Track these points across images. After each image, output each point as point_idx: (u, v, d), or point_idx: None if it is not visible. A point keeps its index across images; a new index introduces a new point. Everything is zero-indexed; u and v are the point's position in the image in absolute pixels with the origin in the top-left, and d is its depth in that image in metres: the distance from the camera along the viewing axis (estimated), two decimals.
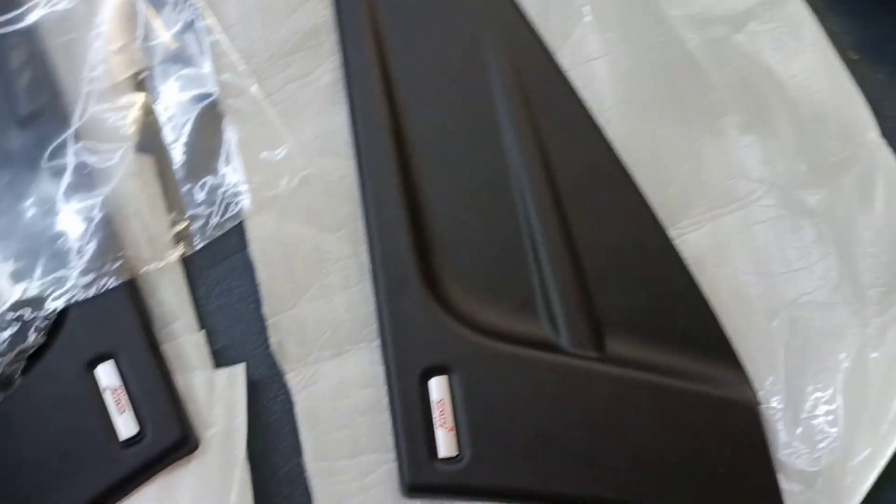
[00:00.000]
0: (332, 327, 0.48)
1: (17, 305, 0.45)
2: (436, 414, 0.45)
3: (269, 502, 0.46)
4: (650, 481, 0.44)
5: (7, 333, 0.44)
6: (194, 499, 0.44)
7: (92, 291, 0.45)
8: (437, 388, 0.45)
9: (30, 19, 0.51)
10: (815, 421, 0.46)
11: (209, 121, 0.50)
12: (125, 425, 0.44)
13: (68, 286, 0.45)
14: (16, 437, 0.43)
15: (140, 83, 0.51)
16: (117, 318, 0.45)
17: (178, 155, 0.50)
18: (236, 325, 0.49)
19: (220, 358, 0.48)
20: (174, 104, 0.50)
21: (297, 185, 0.50)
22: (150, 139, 0.50)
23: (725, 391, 0.46)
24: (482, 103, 0.50)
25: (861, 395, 0.46)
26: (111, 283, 0.45)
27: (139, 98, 0.50)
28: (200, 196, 0.49)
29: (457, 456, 0.44)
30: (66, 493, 0.43)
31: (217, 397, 0.46)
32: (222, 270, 0.50)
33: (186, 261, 0.49)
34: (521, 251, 0.47)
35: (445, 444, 0.44)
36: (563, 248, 0.47)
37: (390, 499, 0.45)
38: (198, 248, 0.48)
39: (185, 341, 0.47)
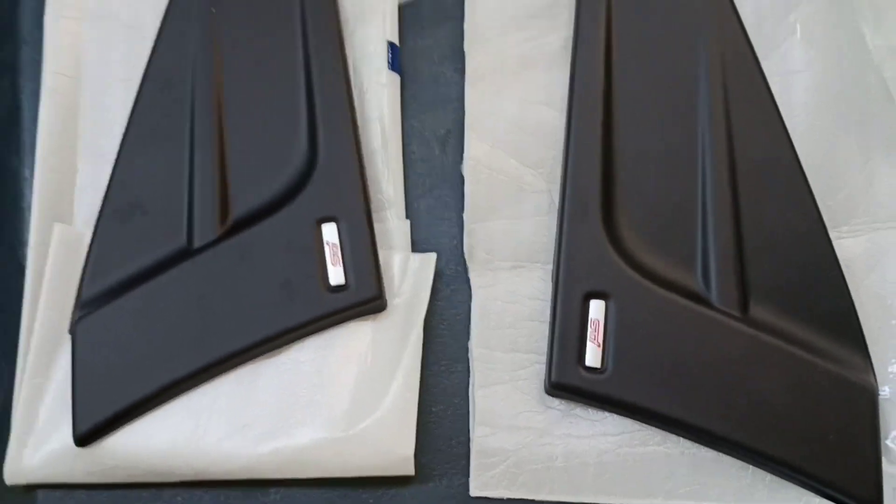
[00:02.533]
0: (516, 244, 0.56)
1: None
2: (590, 330, 0.52)
3: (434, 369, 0.54)
4: (765, 432, 0.49)
5: None
6: (374, 349, 0.53)
7: None
8: (595, 309, 0.52)
9: None
10: None
11: None
12: (335, 275, 0.53)
13: None
14: (252, 265, 0.53)
15: None
16: (347, 193, 0.55)
17: None
18: (438, 224, 0.58)
19: (417, 246, 0.57)
20: None
21: (512, 123, 0.58)
22: None
23: (849, 372, 0.51)
24: (686, 86, 0.57)
25: None
26: None
27: None
28: None
29: (600, 368, 0.51)
30: (280, 316, 0.52)
31: (408, 274, 0.55)
32: (437, 180, 0.59)
33: (407, 165, 0.59)
34: (692, 213, 0.54)
35: (592, 356, 0.51)
36: (730, 219, 0.53)
37: (535, 393, 0.53)
38: None
39: (394, 225, 0.57)
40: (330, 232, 0.54)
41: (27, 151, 0.58)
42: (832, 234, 0.54)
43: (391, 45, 0.60)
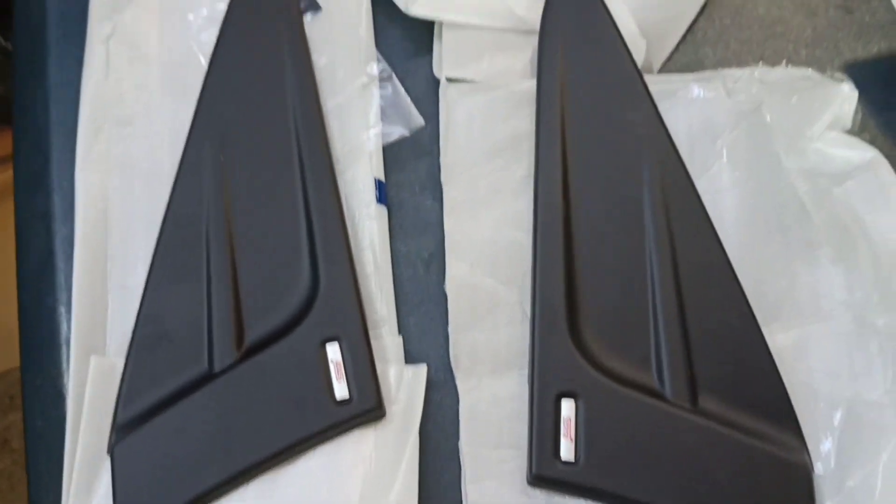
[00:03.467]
0: (495, 352, 0.65)
1: None
2: (563, 427, 0.60)
3: (430, 468, 0.62)
4: None
5: None
6: (377, 453, 0.60)
7: None
8: (567, 408, 0.61)
9: None
10: (855, 493, 0.58)
11: None
12: (340, 390, 0.61)
13: None
14: (266, 384, 0.61)
15: None
16: (347, 315, 0.63)
17: None
18: (426, 337, 0.66)
19: (410, 357, 0.65)
20: None
21: (486, 245, 0.67)
22: None
23: (786, 453, 0.59)
24: (633, 205, 0.67)
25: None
26: None
27: None
28: None
29: (574, 461, 0.59)
30: (293, 429, 0.60)
31: (403, 385, 0.63)
32: (423, 298, 0.67)
33: (397, 285, 0.67)
34: (645, 318, 0.63)
35: (567, 450, 0.59)
36: (677, 321, 0.62)
37: (518, 484, 0.60)
38: None
39: (388, 341, 0.65)
40: (333, 351, 0.62)
41: (62, 290, 0.66)
42: (764, 330, 0.63)
43: (378, 181, 0.69)
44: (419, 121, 0.73)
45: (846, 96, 0.69)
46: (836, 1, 0.78)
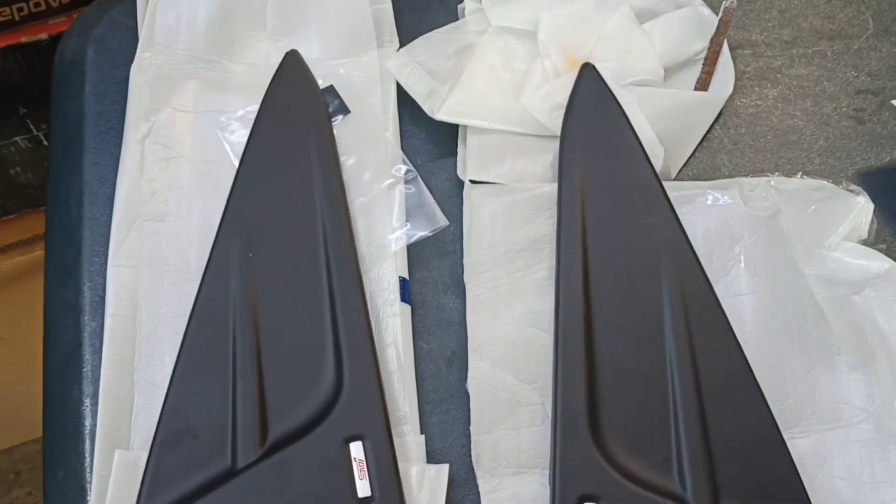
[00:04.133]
0: (516, 452, 0.65)
1: None
2: None
3: None
4: None
5: None
6: None
7: None
8: None
9: None
10: None
11: None
12: (363, 489, 0.61)
13: None
14: (289, 482, 0.61)
15: None
16: (370, 413, 0.63)
17: None
18: (448, 436, 0.66)
19: (432, 457, 0.65)
20: None
21: (508, 344, 0.68)
22: None
23: None
24: (654, 311, 0.68)
25: None
26: None
27: None
28: None
29: None
30: None
31: (425, 484, 0.63)
32: (445, 396, 0.68)
33: (419, 383, 0.68)
34: (666, 422, 0.63)
35: None
36: (699, 427, 0.63)
37: None
38: None
39: (410, 440, 0.65)
40: (357, 449, 0.62)
41: (88, 382, 0.67)
42: (785, 435, 0.63)
43: (402, 279, 0.71)
44: (443, 221, 0.75)
45: (862, 208, 0.71)
46: (847, 112, 0.80)
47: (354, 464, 0.62)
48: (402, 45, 0.81)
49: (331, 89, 0.79)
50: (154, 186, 0.73)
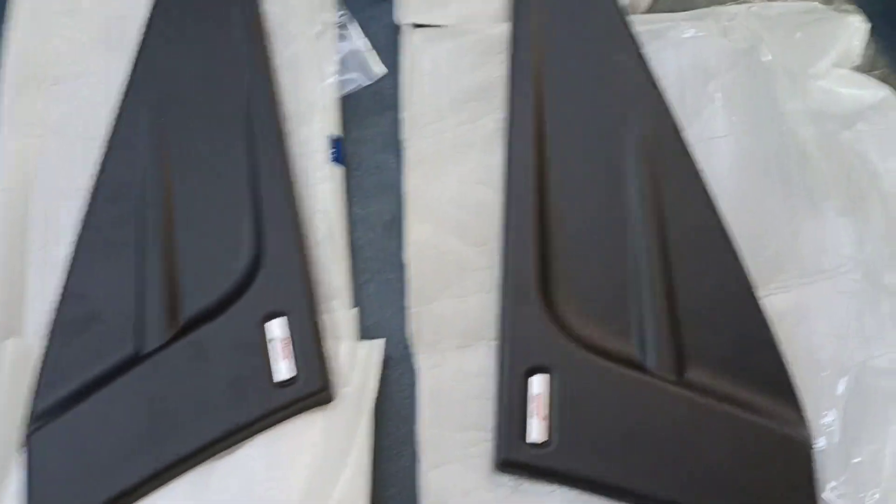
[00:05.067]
0: (462, 323, 0.58)
1: None
2: (532, 405, 0.53)
3: (383, 455, 0.55)
4: (708, 493, 0.51)
5: None
6: (324, 439, 0.54)
7: None
8: (538, 384, 0.54)
9: None
10: (862, 469, 0.51)
11: None
12: (284, 370, 0.54)
13: None
14: (200, 366, 0.55)
15: None
16: (292, 288, 0.57)
17: None
18: (384, 310, 0.59)
19: (365, 333, 0.59)
20: None
21: (453, 205, 0.60)
22: None
23: (784, 427, 0.52)
24: (615, 160, 0.60)
25: None
26: None
27: None
28: None
29: (545, 442, 0.53)
30: (229, 415, 0.54)
31: (356, 363, 0.57)
32: (383, 265, 0.61)
33: (354, 251, 0.61)
34: (625, 284, 0.56)
35: (537, 431, 0.53)
36: (663, 287, 0.56)
37: (484, 470, 0.54)
38: None
39: (340, 315, 0.58)
40: (277, 327, 0.56)
41: None
42: (761, 292, 0.56)
43: (335, 138, 0.63)
44: (381, 68, 0.66)
45: (855, 29, 0.62)
46: None
47: (276, 343, 0.55)
48: None
49: None
50: (51, 44, 0.65)
